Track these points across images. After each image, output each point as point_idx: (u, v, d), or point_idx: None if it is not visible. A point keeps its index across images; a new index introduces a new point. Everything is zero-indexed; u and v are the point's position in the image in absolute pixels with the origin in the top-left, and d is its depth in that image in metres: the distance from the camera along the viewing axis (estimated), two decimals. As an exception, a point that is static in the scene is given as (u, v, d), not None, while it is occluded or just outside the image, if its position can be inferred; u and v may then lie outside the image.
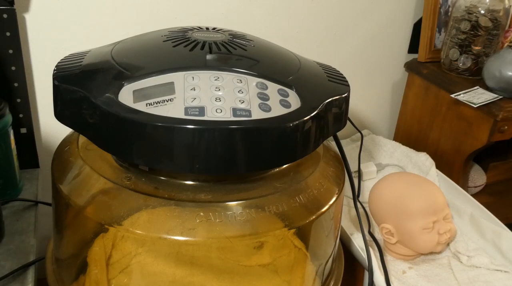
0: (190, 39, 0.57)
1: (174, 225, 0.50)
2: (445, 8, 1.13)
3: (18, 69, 0.80)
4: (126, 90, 0.49)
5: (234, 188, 0.54)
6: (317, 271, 0.63)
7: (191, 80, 0.50)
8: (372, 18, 1.12)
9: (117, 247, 0.54)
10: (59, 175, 0.58)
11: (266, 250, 0.55)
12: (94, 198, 0.54)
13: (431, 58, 1.15)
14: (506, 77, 0.97)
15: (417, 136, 1.20)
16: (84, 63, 0.55)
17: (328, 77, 0.60)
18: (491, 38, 1.05)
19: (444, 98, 1.09)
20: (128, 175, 0.55)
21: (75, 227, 0.57)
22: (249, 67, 0.53)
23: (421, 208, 0.80)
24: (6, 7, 0.75)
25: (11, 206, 0.77)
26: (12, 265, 0.65)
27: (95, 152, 0.58)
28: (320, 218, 0.57)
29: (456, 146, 1.08)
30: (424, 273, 0.82)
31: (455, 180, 1.00)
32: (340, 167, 0.65)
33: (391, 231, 0.83)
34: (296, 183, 0.57)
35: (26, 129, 0.85)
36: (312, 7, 1.04)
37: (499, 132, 0.99)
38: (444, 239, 0.81)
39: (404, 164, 1.09)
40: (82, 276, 0.58)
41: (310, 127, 0.51)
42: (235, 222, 0.51)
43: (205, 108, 0.47)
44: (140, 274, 0.55)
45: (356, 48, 1.14)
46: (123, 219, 0.51)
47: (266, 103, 0.50)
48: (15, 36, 0.78)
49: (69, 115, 0.52)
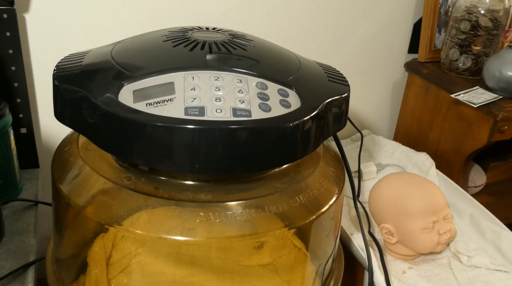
0: (190, 39, 0.57)
1: (174, 225, 0.50)
2: (445, 8, 1.13)
3: (18, 69, 0.80)
4: (126, 90, 0.49)
5: (234, 188, 0.54)
6: (317, 271, 0.63)
7: (191, 80, 0.50)
8: (372, 18, 1.12)
9: (117, 247, 0.54)
10: (59, 175, 0.58)
11: (266, 250, 0.55)
12: (94, 198, 0.54)
13: (431, 58, 1.15)
14: (506, 77, 0.97)
15: (417, 136, 1.19)
16: (84, 63, 0.55)
17: (328, 77, 0.60)
18: (491, 38, 1.05)
19: (444, 98, 1.09)
20: (128, 175, 0.55)
21: (75, 227, 0.57)
22: (249, 67, 0.53)
23: (421, 208, 0.80)
24: (6, 7, 0.75)
25: (11, 206, 0.77)
26: (12, 265, 0.65)
27: (95, 152, 0.58)
28: (320, 218, 0.57)
29: (456, 146, 1.08)
30: (424, 273, 0.82)
31: (455, 180, 1.00)
32: (340, 167, 0.65)
33: (391, 231, 0.83)
34: (296, 183, 0.57)
35: (26, 129, 0.85)
36: (312, 7, 1.04)
37: (499, 132, 0.99)
38: (444, 239, 0.81)
39: (404, 164, 1.09)
40: (82, 276, 0.58)
41: (310, 127, 0.51)
42: (235, 222, 0.51)
43: (205, 108, 0.47)
44: (140, 274, 0.55)
45: (356, 48, 1.14)
46: (123, 219, 0.51)
47: (266, 103, 0.50)
48: (15, 36, 0.78)
49: (69, 115, 0.52)
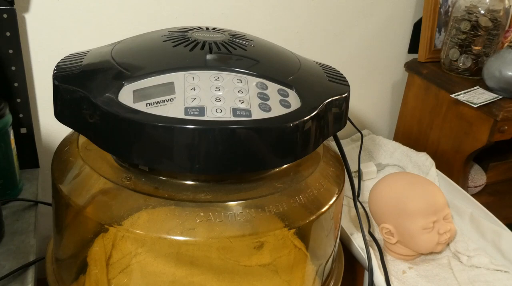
0: (190, 39, 0.56)
1: (174, 225, 0.50)
2: (445, 8, 1.13)
3: (18, 69, 0.80)
4: (126, 90, 0.49)
5: (234, 188, 0.54)
6: (317, 271, 0.63)
7: (191, 80, 0.50)
8: (372, 18, 1.12)
9: (117, 247, 0.54)
10: (59, 175, 0.58)
11: (266, 250, 0.55)
12: (94, 198, 0.54)
13: (431, 58, 1.15)
14: (506, 77, 0.97)
15: (417, 136, 1.19)
16: (84, 63, 0.55)
17: (328, 77, 0.60)
18: (491, 38, 1.05)
19: (444, 98, 1.09)
20: (128, 175, 0.55)
21: (75, 227, 0.57)
22: (249, 67, 0.53)
23: (421, 208, 0.80)
24: (6, 7, 0.75)
25: (11, 206, 0.77)
26: (12, 265, 0.65)
27: (95, 152, 0.58)
28: (320, 218, 0.57)
29: (456, 146, 1.08)
30: (424, 273, 0.82)
31: (455, 180, 1.00)
32: (340, 167, 0.65)
33: (391, 231, 0.83)
34: (296, 183, 0.57)
35: (26, 129, 0.85)
36: (312, 7, 1.04)
37: (499, 132, 0.99)
38: (444, 239, 0.81)
39: (404, 164, 1.09)
40: (82, 276, 0.58)
41: (310, 127, 0.51)
42: (235, 222, 0.51)
43: (205, 108, 0.47)
44: (140, 274, 0.55)
45: (356, 48, 1.14)
46: (123, 219, 0.51)
47: (266, 103, 0.50)
48: (15, 36, 0.78)
49: (69, 115, 0.52)
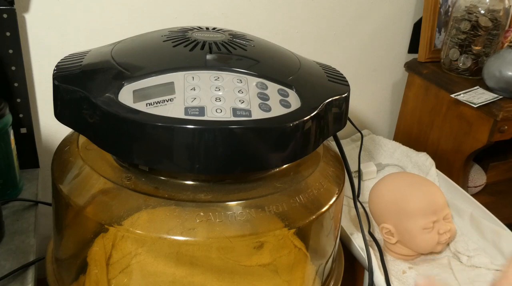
0: (190, 39, 0.56)
1: (174, 225, 0.50)
2: (445, 8, 1.13)
3: (18, 69, 0.80)
4: (126, 90, 0.49)
5: (234, 188, 0.54)
6: (317, 271, 0.63)
7: (191, 80, 0.50)
8: (372, 18, 1.12)
9: (117, 247, 0.54)
10: (59, 175, 0.58)
11: (266, 250, 0.55)
12: (94, 198, 0.54)
13: (431, 58, 1.15)
14: (506, 77, 0.97)
15: (417, 136, 1.19)
16: (84, 63, 0.55)
17: (328, 77, 0.60)
18: (491, 38, 1.05)
19: (444, 98, 1.09)
20: (128, 175, 0.55)
21: (75, 227, 0.57)
22: (249, 67, 0.53)
23: (421, 208, 0.80)
24: (6, 7, 0.75)
25: (11, 206, 0.77)
26: (12, 265, 0.65)
27: (95, 152, 0.58)
28: (320, 218, 0.57)
29: (456, 146, 1.08)
30: (424, 273, 0.82)
31: (455, 180, 1.00)
32: (340, 167, 0.65)
33: (391, 231, 0.83)
34: (296, 183, 0.57)
35: (26, 129, 0.85)
36: (312, 7, 1.04)
37: (499, 132, 0.99)
38: (444, 239, 0.81)
39: (404, 164, 1.09)
40: (82, 276, 0.58)
41: (310, 127, 0.51)
42: (235, 222, 0.51)
43: (205, 108, 0.47)
44: (140, 274, 0.55)
45: (356, 48, 1.14)
46: (123, 219, 0.51)
47: (266, 103, 0.50)
48: (15, 36, 0.78)
49: (69, 115, 0.52)
